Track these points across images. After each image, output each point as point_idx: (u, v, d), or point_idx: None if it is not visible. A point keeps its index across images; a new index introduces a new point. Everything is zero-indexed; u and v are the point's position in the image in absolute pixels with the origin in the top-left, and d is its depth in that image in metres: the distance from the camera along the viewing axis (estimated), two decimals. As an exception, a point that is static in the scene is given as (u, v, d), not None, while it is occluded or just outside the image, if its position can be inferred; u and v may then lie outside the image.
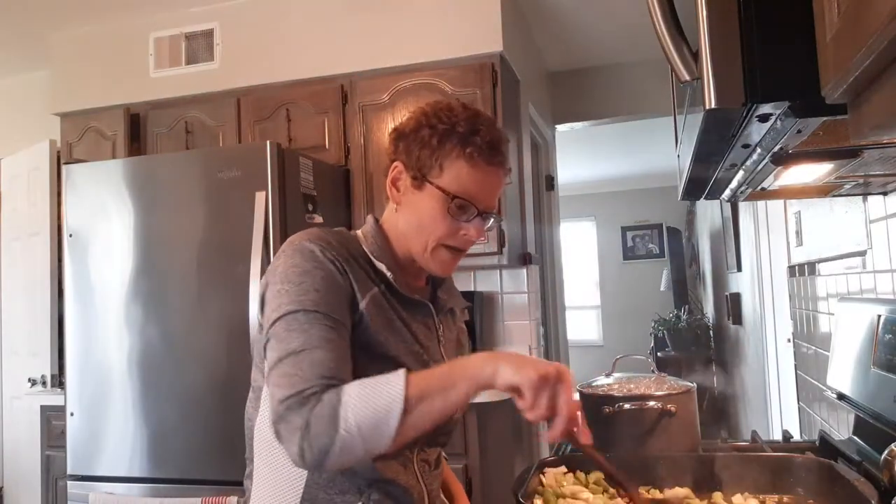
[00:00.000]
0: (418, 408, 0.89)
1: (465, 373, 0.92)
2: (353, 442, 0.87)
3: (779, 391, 3.31)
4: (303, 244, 1.01)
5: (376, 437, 0.88)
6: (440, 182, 1.05)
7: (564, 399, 0.91)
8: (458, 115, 1.06)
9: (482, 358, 0.94)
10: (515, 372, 0.89)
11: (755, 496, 1.11)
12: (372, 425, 0.87)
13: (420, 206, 1.07)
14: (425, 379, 0.91)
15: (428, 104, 1.11)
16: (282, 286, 0.98)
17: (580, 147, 5.67)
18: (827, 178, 1.23)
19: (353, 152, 2.97)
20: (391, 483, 1.03)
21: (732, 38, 0.75)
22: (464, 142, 1.04)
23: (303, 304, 0.95)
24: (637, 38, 3.64)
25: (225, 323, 2.38)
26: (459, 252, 1.10)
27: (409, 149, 1.07)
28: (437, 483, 1.16)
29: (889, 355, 1.28)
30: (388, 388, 0.89)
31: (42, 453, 3.05)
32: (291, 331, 0.94)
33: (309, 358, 0.92)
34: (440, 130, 1.05)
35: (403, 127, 1.10)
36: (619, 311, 7.94)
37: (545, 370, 0.90)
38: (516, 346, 3.13)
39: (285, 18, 3.17)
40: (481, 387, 0.92)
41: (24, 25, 3.41)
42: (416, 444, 1.08)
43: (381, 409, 0.87)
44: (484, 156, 1.04)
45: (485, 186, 1.06)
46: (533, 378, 0.88)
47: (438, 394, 0.90)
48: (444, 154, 1.05)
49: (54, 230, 3.32)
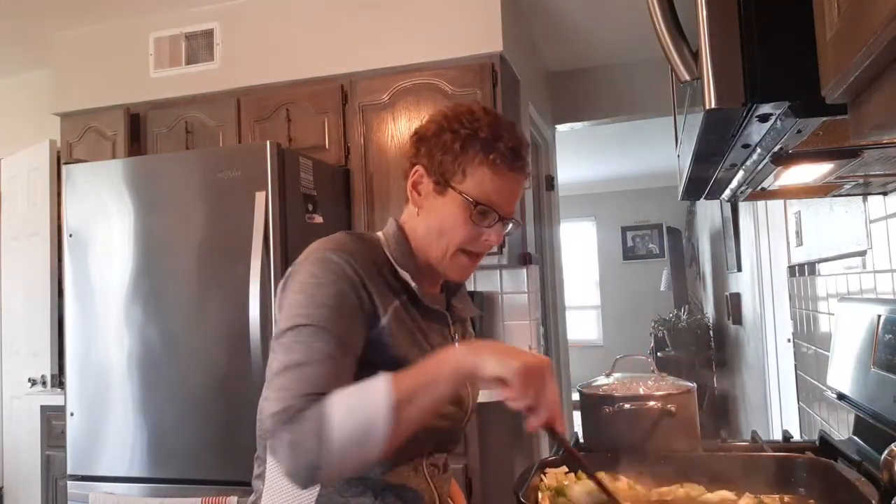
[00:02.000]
0: (405, 410, 0.88)
1: (448, 366, 0.91)
2: (342, 454, 0.87)
3: (779, 391, 3.31)
4: (326, 255, 1.00)
5: (365, 446, 0.87)
6: (463, 188, 1.04)
7: (549, 389, 0.91)
8: (479, 120, 1.06)
9: (464, 350, 0.94)
10: (500, 363, 0.89)
11: (755, 496, 1.11)
12: (359, 435, 0.86)
13: (442, 211, 1.06)
14: (408, 379, 0.90)
15: (448, 107, 1.11)
16: (296, 296, 0.97)
17: (580, 147, 5.67)
18: (827, 178, 1.23)
19: (353, 152, 2.97)
20: (403, 487, 1.04)
21: (732, 38, 0.75)
22: (487, 148, 1.04)
23: (311, 319, 0.95)
24: (637, 38, 3.64)
25: (225, 323, 2.38)
26: (477, 257, 1.10)
27: (431, 153, 1.07)
28: (447, 486, 1.16)
29: (889, 355, 1.28)
30: (372, 396, 0.88)
31: (42, 453, 3.05)
32: (296, 343, 0.94)
33: (304, 373, 0.92)
34: (463, 135, 1.04)
35: (425, 130, 1.09)
36: (619, 311, 7.94)
37: (530, 361, 0.90)
38: (516, 346, 3.12)
39: (285, 18, 3.17)
40: (466, 378, 0.92)
41: (25, 25, 3.41)
42: (425, 450, 1.08)
43: (366, 419, 0.87)
44: (507, 162, 1.04)
45: (507, 192, 1.06)
46: (518, 369, 0.88)
47: (423, 392, 0.90)
48: (467, 160, 1.04)
49: (54, 230, 3.32)
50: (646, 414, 1.34)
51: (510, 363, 0.89)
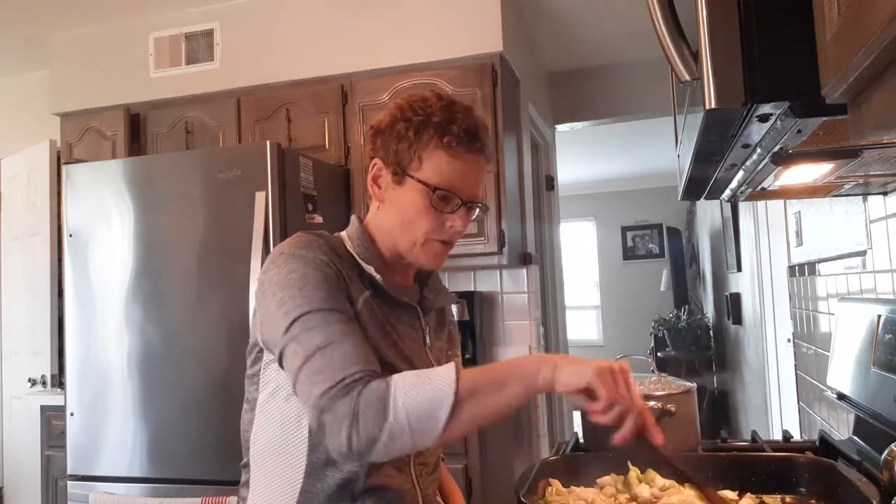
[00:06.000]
0: (469, 402, 0.87)
1: (520, 372, 0.89)
2: (402, 431, 0.86)
3: (779, 391, 3.31)
4: (294, 251, 1.00)
5: (425, 429, 0.86)
6: (420, 175, 1.03)
7: (635, 394, 0.88)
8: (432, 105, 1.04)
9: (538, 359, 0.91)
10: (577, 372, 0.86)
11: (756, 496, 1.11)
12: (421, 416, 0.85)
13: (403, 201, 1.05)
14: (477, 375, 0.89)
15: (403, 98, 1.09)
16: (284, 293, 0.96)
17: (580, 147, 5.67)
18: (827, 178, 1.23)
19: (353, 152, 2.97)
20: (384, 488, 1.02)
21: (732, 38, 0.75)
22: (441, 131, 1.02)
23: (312, 305, 0.94)
24: (637, 38, 3.64)
25: (225, 323, 2.38)
26: (449, 244, 1.09)
27: (387, 144, 1.06)
28: (433, 486, 1.14)
29: (889, 355, 1.28)
30: (439, 380, 0.87)
31: (42, 453, 3.05)
32: (310, 329, 0.93)
33: (338, 350, 0.91)
34: (415, 122, 1.03)
35: (379, 123, 1.09)
36: (619, 311, 7.94)
37: (609, 365, 0.86)
38: (516, 346, 3.13)
39: (285, 18, 3.17)
40: (537, 389, 0.88)
41: (24, 26, 3.41)
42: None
43: (431, 400, 0.86)
44: (463, 144, 1.03)
45: (466, 175, 1.05)
46: (597, 372, 0.85)
47: (490, 391, 0.88)
48: (421, 146, 1.03)
49: (54, 230, 3.32)
50: (646, 414, 1.33)
51: (586, 369, 0.86)
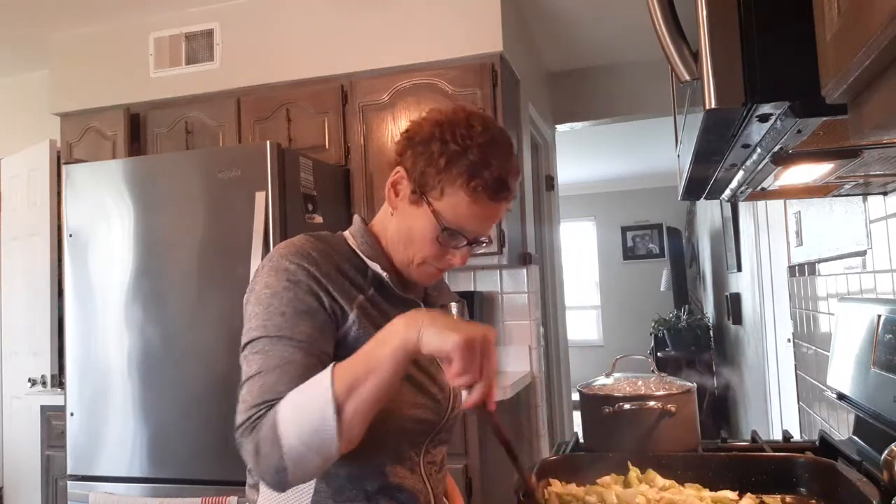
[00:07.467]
0: (351, 398, 0.86)
1: (388, 348, 0.88)
2: (301, 453, 0.86)
3: (779, 391, 3.31)
4: (281, 262, 0.99)
5: (323, 441, 0.86)
6: (438, 206, 1.00)
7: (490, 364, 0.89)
8: (474, 137, 0.99)
9: (403, 323, 0.89)
10: (439, 336, 0.86)
11: (756, 496, 1.11)
12: (311, 433, 0.86)
13: (413, 221, 1.03)
14: (349, 367, 0.88)
15: (448, 111, 1.04)
16: (253, 308, 0.99)
17: (580, 147, 5.67)
18: (827, 178, 1.23)
19: (353, 152, 2.97)
20: (398, 488, 1.02)
21: (732, 38, 0.75)
22: (472, 173, 0.98)
23: (267, 331, 0.96)
24: (637, 38, 3.64)
25: (225, 323, 2.38)
26: (443, 269, 1.08)
27: (416, 160, 1.02)
28: (442, 485, 1.14)
29: (889, 355, 1.28)
30: (315, 391, 0.87)
31: (42, 453, 3.05)
32: (254, 354, 0.96)
33: (261, 381, 0.93)
34: (451, 151, 0.99)
35: (415, 134, 1.04)
36: (619, 311, 7.94)
37: (472, 334, 0.86)
38: (516, 346, 3.13)
39: (285, 18, 3.17)
40: (409, 357, 0.88)
41: (24, 25, 3.41)
42: (420, 446, 1.07)
43: (313, 413, 0.86)
44: (488, 191, 0.99)
45: (482, 220, 1.02)
46: (459, 342, 0.85)
47: (367, 377, 0.87)
48: (448, 179, 0.99)
49: (54, 230, 3.32)
50: (646, 414, 1.34)
51: (449, 336, 0.85)
